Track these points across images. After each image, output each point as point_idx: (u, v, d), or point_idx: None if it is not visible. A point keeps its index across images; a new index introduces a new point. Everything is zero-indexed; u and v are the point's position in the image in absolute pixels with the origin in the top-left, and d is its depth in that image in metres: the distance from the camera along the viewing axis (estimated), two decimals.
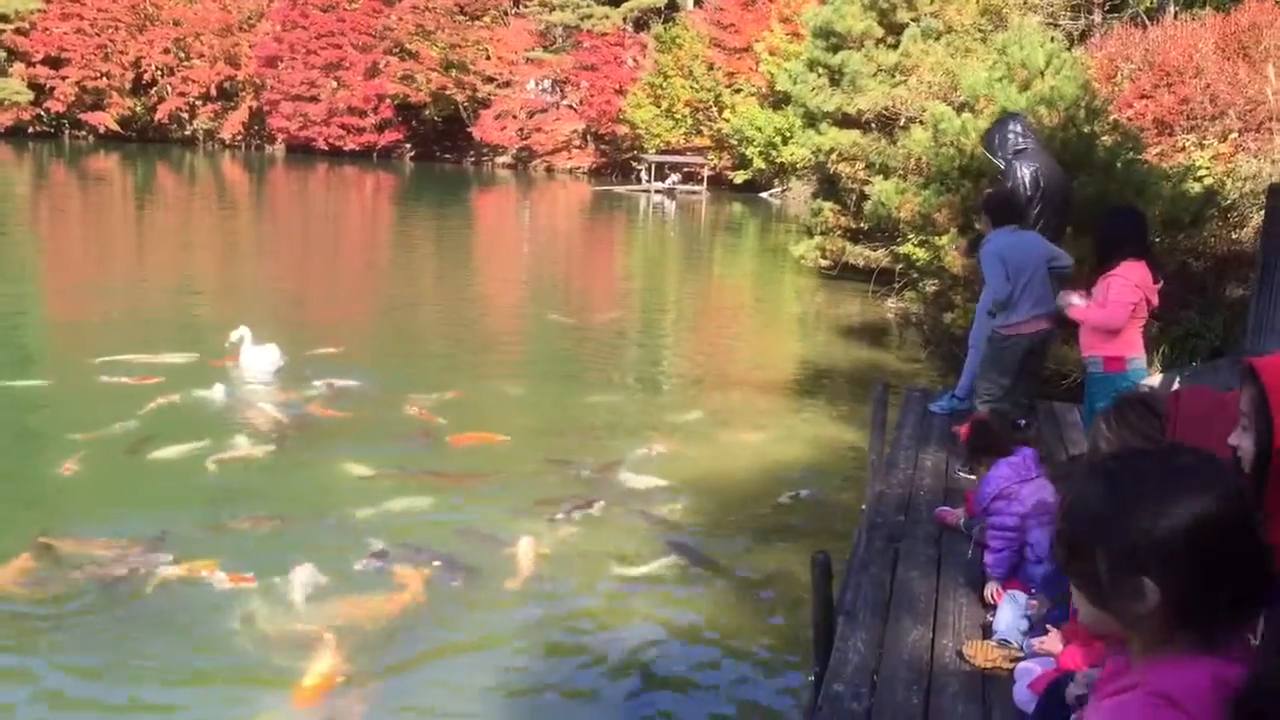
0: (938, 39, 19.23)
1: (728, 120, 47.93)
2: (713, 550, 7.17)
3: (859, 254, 18.66)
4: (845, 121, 19.79)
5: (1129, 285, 5.98)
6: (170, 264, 20.91)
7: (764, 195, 46.25)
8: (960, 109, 12.27)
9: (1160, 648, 1.60)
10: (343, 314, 15.80)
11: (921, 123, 13.81)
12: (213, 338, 11.56)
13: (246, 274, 20.14)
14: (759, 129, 45.03)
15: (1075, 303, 6.30)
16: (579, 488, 8.16)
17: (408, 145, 61.86)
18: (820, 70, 20.87)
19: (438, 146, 63.12)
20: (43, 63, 57.79)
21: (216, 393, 10.20)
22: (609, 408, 10.74)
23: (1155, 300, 6.19)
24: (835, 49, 20.42)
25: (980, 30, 19.45)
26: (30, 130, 58.67)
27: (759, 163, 45.97)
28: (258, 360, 11.01)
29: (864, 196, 15.94)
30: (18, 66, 57.81)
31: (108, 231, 25.87)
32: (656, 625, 6.12)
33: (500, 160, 60.31)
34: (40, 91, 58.39)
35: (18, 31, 57.46)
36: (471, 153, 62.19)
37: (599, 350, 13.80)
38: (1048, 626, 4.11)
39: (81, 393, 10.33)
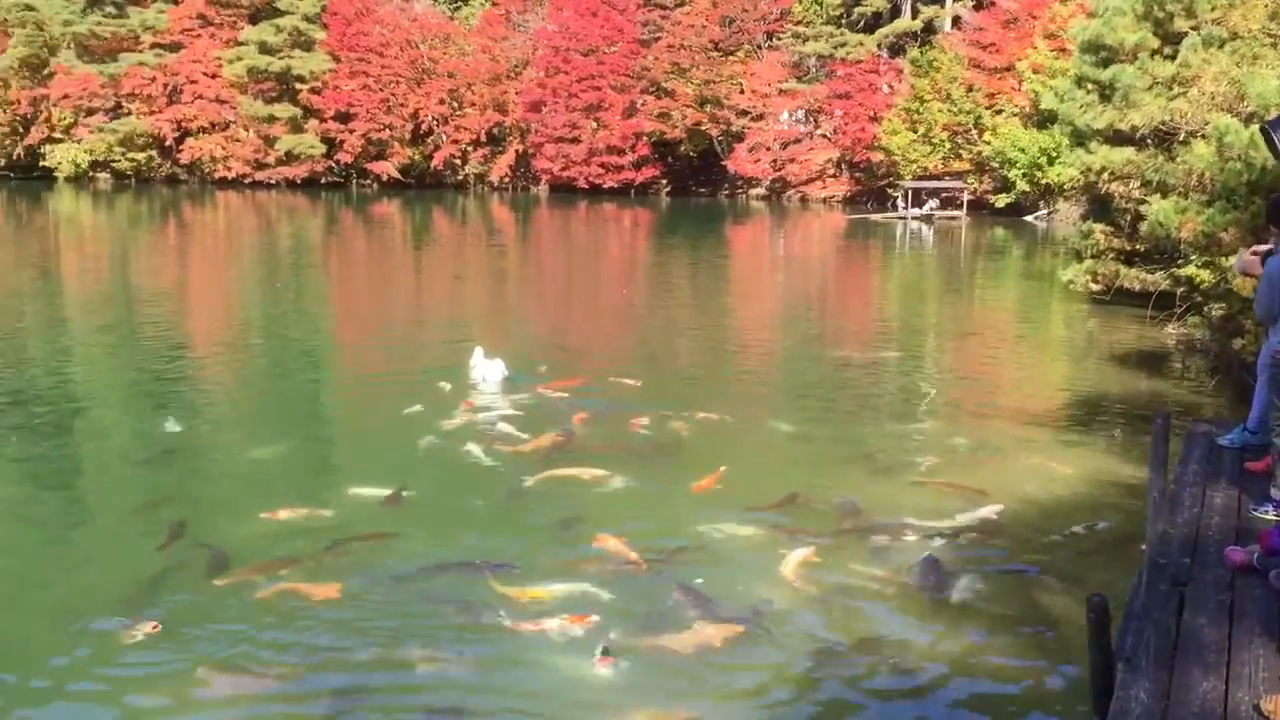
0: (1221, 47, 17.93)
1: (988, 142, 46.48)
2: (983, 586, 6.91)
3: (1134, 277, 17.59)
4: (1117, 138, 18.75)
5: None
6: (441, 296, 22.31)
7: (1028, 218, 44.47)
8: (1248, 120, 11.41)
9: None
10: (604, 342, 16.29)
11: (1204, 136, 12.94)
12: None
13: (511, 304, 21.17)
14: (1022, 150, 43.44)
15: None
16: (846, 521, 8.06)
17: (664, 181, 63.28)
18: (1089, 86, 19.88)
19: (692, 181, 64.27)
20: (333, 118, 62.95)
21: (473, 414, 10.77)
22: (872, 438, 10.56)
23: None
24: (1105, 63, 19.39)
25: (1270, 35, 18.02)
26: (323, 181, 63.96)
27: (1022, 185, 44.32)
28: (487, 372, 12.24)
29: (1139, 217, 15.04)
30: (312, 123, 63.20)
31: (389, 269, 27.80)
32: (928, 663, 5.95)
33: (754, 192, 60.74)
34: (331, 145, 63.64)
35: (312, 90, 62.86)
36: (725, 186, 62.95)
37: (858, 379, 13.62)
38: None
39: (363, 416, 11.13)
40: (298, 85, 63.05)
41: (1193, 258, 12.22)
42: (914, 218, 46.52)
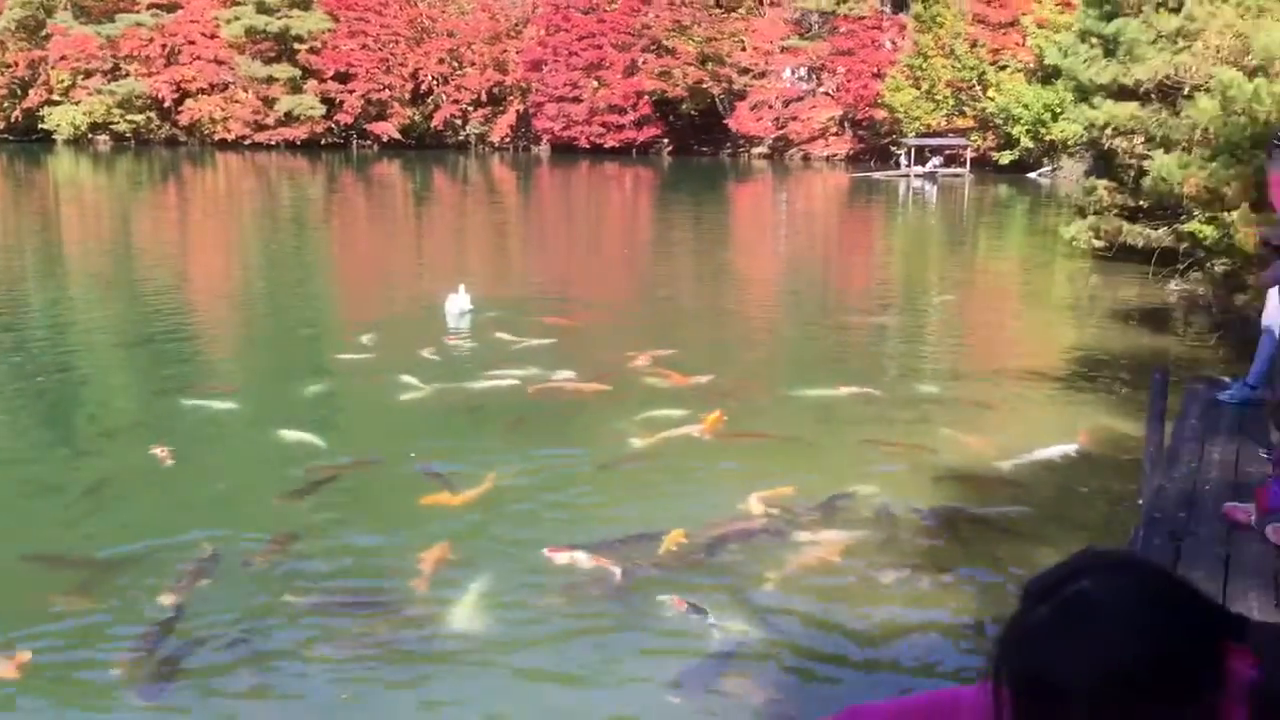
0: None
1: (992, 99, 46.23)
2: (977, 545, 6.92)
3: (1137, 233, 17.49)
4: (1121, 94, 18.60)
5: None
6: (441, 255, 22.26)
7: (1032, 175, 44.26)
8: (1253, 74, 11.30)
9: None
10: (599, 294, 16.21)
11: (1208, 90, 12.82)
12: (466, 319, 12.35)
13: (513, 263, 21.11)
14: (1026, 106, 43.18)
15: None
16: (835, 483, 8.02)
17: (665, 140, 62.99)
18: (1093, 41, 19.72)
19: (694, 140, 63.96)
20: (333, 78, 62.58)
21: (447, 353, 10.77)
22: (870, 399, 10.52)
23: None
24: (1109, 17, 19.22)
25: None
26: (322, 142, 63.66)
27: (1026, 141, 44.11)
28: (452, 305, 13.30)
29: (1142, 172, 14.96)
30: (311, 83, 62.83)
31: (387, 227, 27.74)
32: (922, 622, 5.96)
33: (756, 151, 60.45)
34: (331, 105, 63.29)
35: (311, 50, 62.43)
36: (728, 145, 62.64)
37: (858, 337, 13.59)
38: None
39: (353, 365, 11.13)
40: (296, 45, 62.66)
41: (1196, 213, 12.15)
42: (917, 175, 46.32)
